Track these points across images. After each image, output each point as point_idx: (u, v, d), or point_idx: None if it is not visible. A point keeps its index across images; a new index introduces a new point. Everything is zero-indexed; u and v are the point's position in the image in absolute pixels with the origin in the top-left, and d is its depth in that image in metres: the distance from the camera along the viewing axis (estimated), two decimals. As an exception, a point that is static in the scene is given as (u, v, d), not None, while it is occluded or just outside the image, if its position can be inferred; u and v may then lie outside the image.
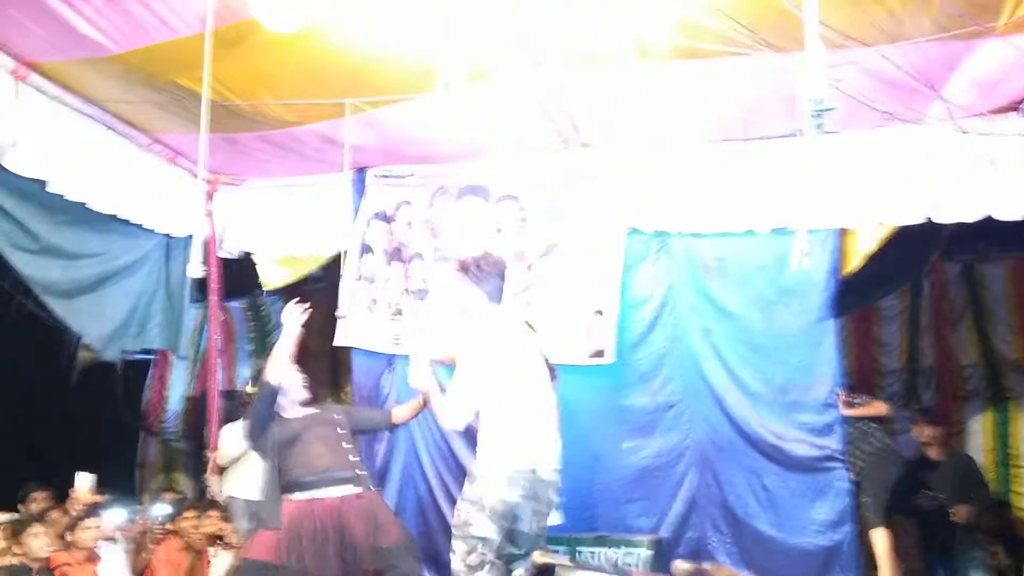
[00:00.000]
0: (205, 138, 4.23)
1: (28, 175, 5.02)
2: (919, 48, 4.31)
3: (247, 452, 5.64)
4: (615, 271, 5.80)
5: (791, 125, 5.13)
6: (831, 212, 5.30)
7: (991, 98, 4.86)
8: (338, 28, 4.47)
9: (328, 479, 4.30)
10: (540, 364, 4.01)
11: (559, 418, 4.49)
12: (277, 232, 6.67)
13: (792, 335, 5.61)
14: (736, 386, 5.70)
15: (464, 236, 6.04)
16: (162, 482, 8.69)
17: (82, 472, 5.32)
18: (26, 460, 7.10)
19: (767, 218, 5.50)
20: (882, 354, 7.65)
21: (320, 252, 6.63)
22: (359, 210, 6.39)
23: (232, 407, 6.66)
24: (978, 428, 7.39)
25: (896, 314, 7.60)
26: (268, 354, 6.14)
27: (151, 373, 8.73)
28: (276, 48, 4.63)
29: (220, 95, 4.97)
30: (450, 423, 3.93)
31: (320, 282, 6.90)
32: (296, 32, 4.27)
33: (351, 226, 6.36)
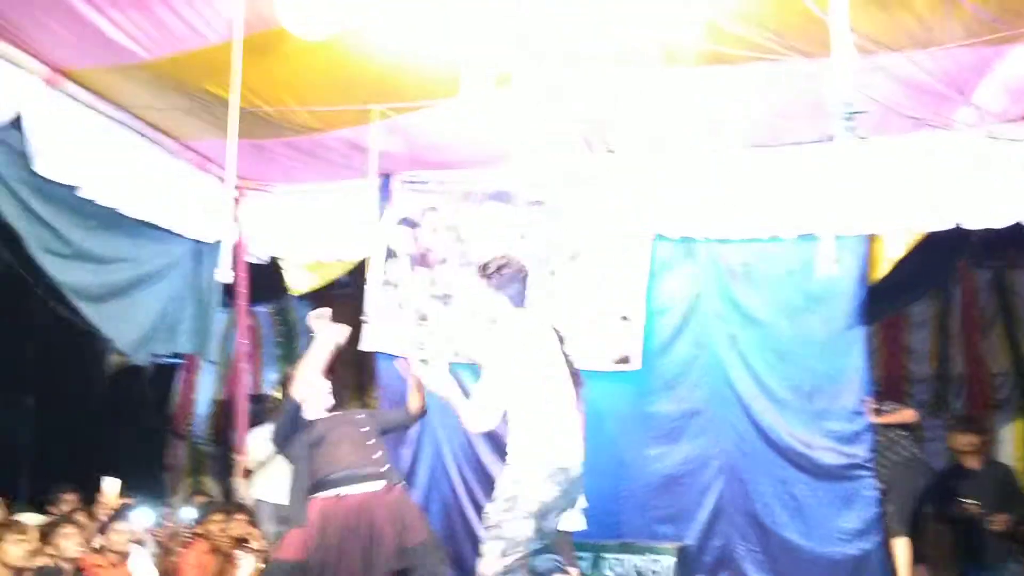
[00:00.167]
0: (234, 144, 4.27)
1: (60, 180, 5.10)
2: (949, 53, 4.26)
3: (274, 456, 5.69)
4: (641, 277, 5.78)
5: (819, 131, 5.14)
6: (859, 218, 5.25)
7: (1022, 104, 4.81)
8: (364, 35, 4.50)
9: (354, 476, 4.31)
10: (565, 367, 4.00)
11: (584, 423, 4.47)
12: (304, 237, 6.72)
13: (820, 342, 5.56)
14: (763, 393, 5.66)
15: (489, 242, 6.06)
16: (190, 485, 8.74)
17: (109, 477, 5.36)
18: (56, 462, 7.18)
19: (794, 224, 5.47)
20: (911, 361, 7.57)
21: (346, 257, 6.67)
22: (385, 216, 6.43)
23: (259, 411, 6.72)
24: (1008, 436, 7.29)
25: (925, 321, 7.52)
26: (295, 359, 6.20)
27: (179, 377, 8.80)
28: (303, 55, 4.67)
29: (248, 102, 5.00)
30: (475, 426, 3.92)
31: (346, 287, 6.93)
32: (323, 40, 4.31)
33: (377, 231, 6.40)
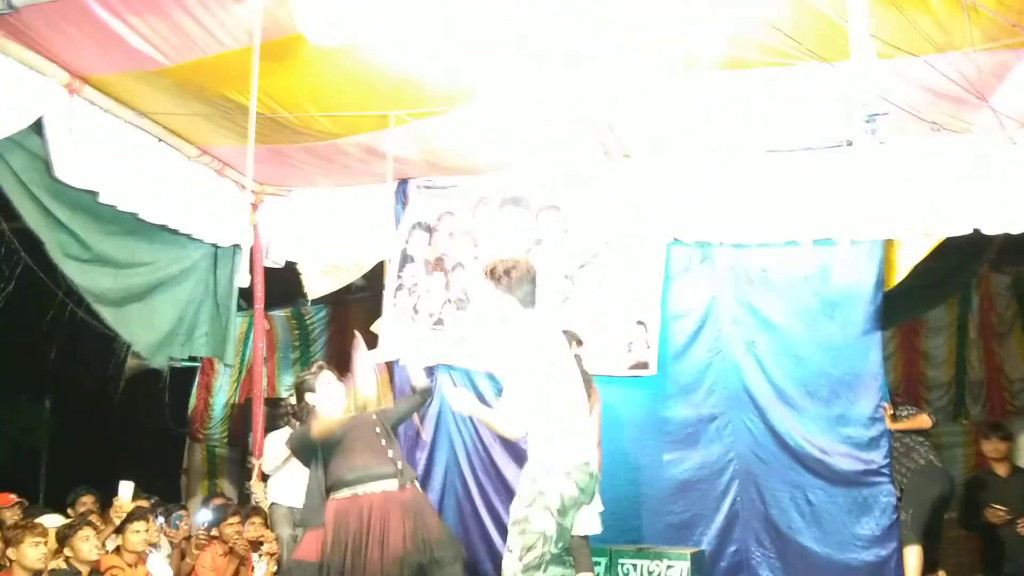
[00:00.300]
0: (252, 150, 4.30)
1: (80, 186, 5.15)
2: (968, 58, 4.24)
3: (290, 459, 5.71)
4: (656, 282, 5.78)
5: (836, 135, 5.13)
6: (877, 223, 5.23)
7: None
8: (381, 41, 4.52)
9: (370, 476, 4.33)
10: (576, 368, 4.02)
11: (600, 426, 4.47)
12: (321, 242, 6.74)
13: (837, 347, 5.53)
14: (780, 399, 5.64)
15: (504, 246, 6.07)
16: (206, 488, 8.80)
17: (124, 481, 5.39)
18: (74, 464, 7.24)
19: (811, 228, 5.46)
20: (929, 367, 7.54)
21: (363, 262, 6.69)
22: (401, 220, 6.44)
23: (275, 415, 6.74)
24: (1027, 443, 7.27)
25: (943, 326, 7.49)
26: (310, 363, 6.20)
27: (197, 380, 8.86)
28: (321, 62, 4.70)
29: (267, 108, 5.05)
30: (509, 433, 3.96)
31: (362, 291, 6.95)
32: (341, 46, 4.33)
33: (393, 236, 6.42)
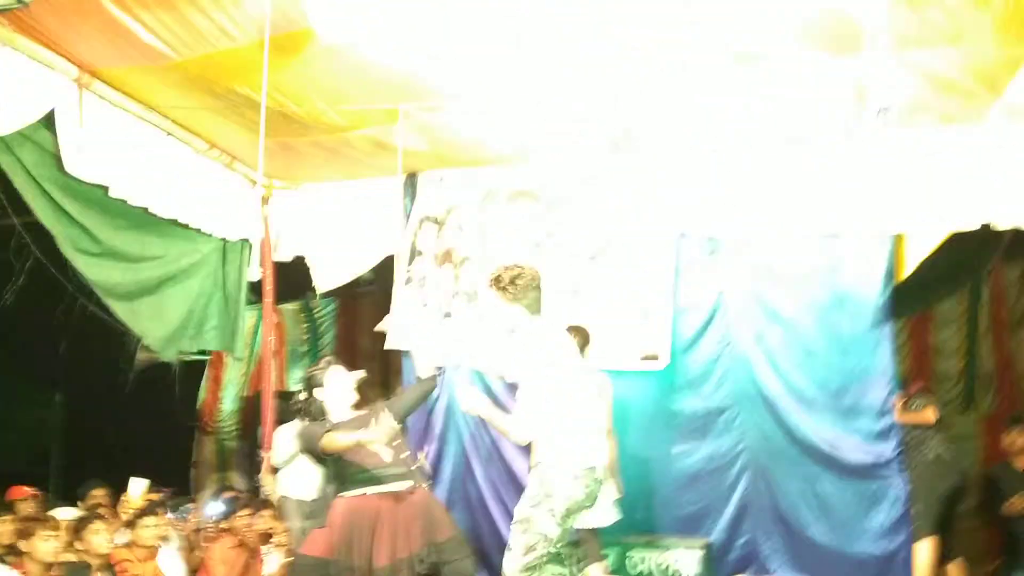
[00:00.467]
0: (263, 143, 4.31)
1: (91, 180, 5.16)
2: (980, 50, 4.23)
3: (299, 453, 5.72)
4: (666, 275, 5.77)
5: (847, 128, 5.11)
6: (887, 216, 5.22)
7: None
8: (389, 37, 4.52)
9: (381, 476, 4.34)
10: (586, 369, 4.04)
11: (611, 421, 4.47)
12: (330, 235, 6.74)
13: (846, 340, 5.51)
14: (789, 391, 5.63)
15: (514, 240, 6.07)
16: (216, 481, 8.83)
17: (135, 478, 5.43)
18: (85, 458, 7.28)
19: (820, 221, 5.44)
20: (940, 360, 7.50)
21: (372, 255, 6.69)
22: (410, 214, 6.44)
23: (286, 408, 6.75)
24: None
25: (954, 319, 7.45)
26: (319, 356, 6.21)
27: (207, 374, 8.89)
28: (330, 55, 4.70)
29: (276, 101, 5.04)
30: (517, 438, 4.00)
31: (371, 285, 6.95)
32: (349, 40, 4.33)
33: (402, 230, 6.42)
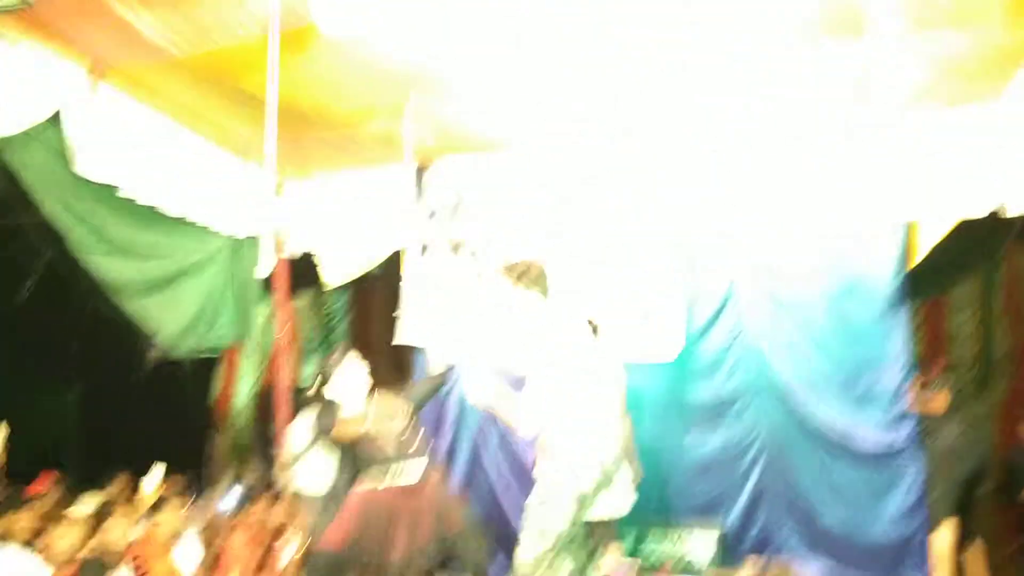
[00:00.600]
0: (272, 139, 4.31)
1: (100, 179, 5.18)
2: (990, 32, 4.19)
3: (313, 446, 5.74)
4: (676, 265, 5.75)
5: (856, 115, 5.08)
6: (898, 204, 5.18)
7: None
8: (393, 32, 4.51)
9: (394, 469, 4.35)
10: (599, 357, 4.02)
11: (624, 411, 4.46)
12: (339, 229, 6.75)
13: (858, 328, 5.49)
14: (801, 379, 5.61)
15: (524, 231, 6.06)
16: (231, 475, 8.87)
17: (151, 470, 5.47)
18: (100, 453, 7.31)
19: (832, 209, 5.41)
20: (954, 345, 7.45)
21: (382, 248, 6.69)
22: (420, 205, 6.44)
23: (299, 402, 6.76)
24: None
25: (969, 304, 7.39)
26: (330, 351, 6.21)
27: (220, 369, 8.90)
28: (336, 50, 4.70)
29: (282, 97, 5.04)
30: (524, 432, 4.00)
31: (382, 277, 6.95)
32: (355, 35, 4.33)
33: (412, 222, 6.41)
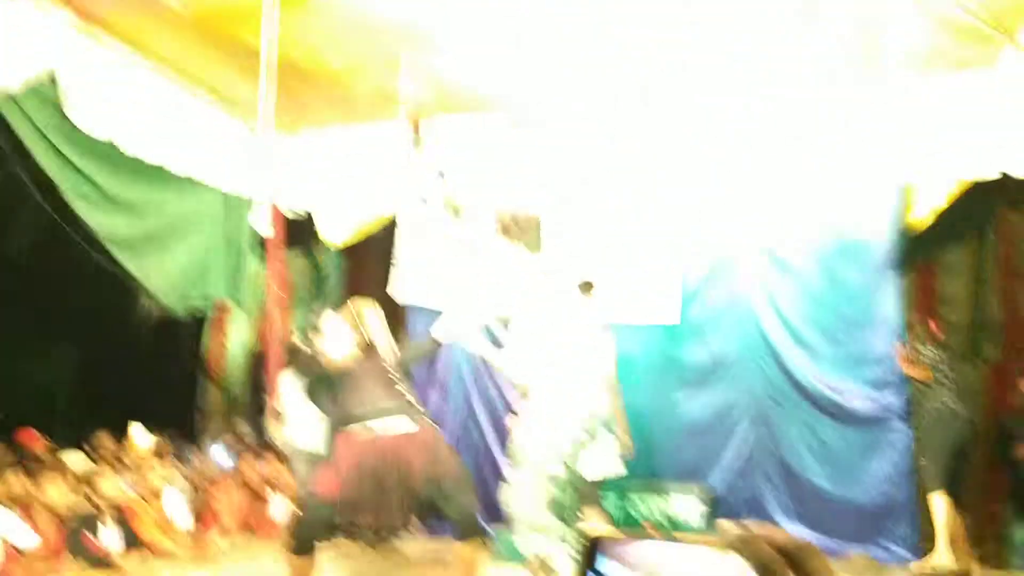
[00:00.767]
0: (265, 93, 4.26)
1: (94, 131, 5.11)
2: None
3: (302, 399, 5.75)
4: (675, 228, 5.73)
5: (857, 76, 5.02)
6: (895, 165, 5.15)
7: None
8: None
9: (381, 410, 4.35)
10: (586, 313, 4.02)
11: (616, 369, 4.48)
12: (333, 186, 6.69)
13: (853, 289, 5.53)
14: (795, 340, 5.65)
15: (519, 188, 6.02)
16: (222, 426, 8.90)
17: (135, 423, 5.48)
18: (93, 406, 7.33)
19: (830, 171, 5.37)
20: (945, 308, 7.45)
21: (377, 205, 6.65)
22: (415, 163, 6.37)
23: (290, 358, 6.76)
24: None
25: (960, 268, 7.38)
26: (323, 306, 6.22)
27: (212, 322, 8.88)
28: (333, 5, 4.63)
29: (279, 52, 4.98)
30: (516, 377, 4.00)
31: (377, 235, 6.92)
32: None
33: (407, 179, 6.36)
